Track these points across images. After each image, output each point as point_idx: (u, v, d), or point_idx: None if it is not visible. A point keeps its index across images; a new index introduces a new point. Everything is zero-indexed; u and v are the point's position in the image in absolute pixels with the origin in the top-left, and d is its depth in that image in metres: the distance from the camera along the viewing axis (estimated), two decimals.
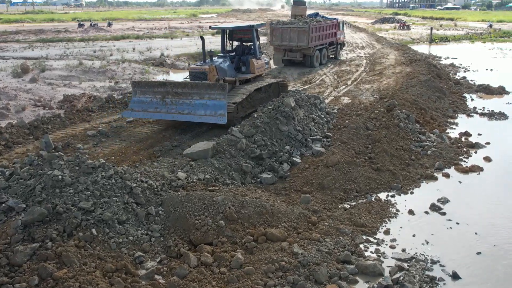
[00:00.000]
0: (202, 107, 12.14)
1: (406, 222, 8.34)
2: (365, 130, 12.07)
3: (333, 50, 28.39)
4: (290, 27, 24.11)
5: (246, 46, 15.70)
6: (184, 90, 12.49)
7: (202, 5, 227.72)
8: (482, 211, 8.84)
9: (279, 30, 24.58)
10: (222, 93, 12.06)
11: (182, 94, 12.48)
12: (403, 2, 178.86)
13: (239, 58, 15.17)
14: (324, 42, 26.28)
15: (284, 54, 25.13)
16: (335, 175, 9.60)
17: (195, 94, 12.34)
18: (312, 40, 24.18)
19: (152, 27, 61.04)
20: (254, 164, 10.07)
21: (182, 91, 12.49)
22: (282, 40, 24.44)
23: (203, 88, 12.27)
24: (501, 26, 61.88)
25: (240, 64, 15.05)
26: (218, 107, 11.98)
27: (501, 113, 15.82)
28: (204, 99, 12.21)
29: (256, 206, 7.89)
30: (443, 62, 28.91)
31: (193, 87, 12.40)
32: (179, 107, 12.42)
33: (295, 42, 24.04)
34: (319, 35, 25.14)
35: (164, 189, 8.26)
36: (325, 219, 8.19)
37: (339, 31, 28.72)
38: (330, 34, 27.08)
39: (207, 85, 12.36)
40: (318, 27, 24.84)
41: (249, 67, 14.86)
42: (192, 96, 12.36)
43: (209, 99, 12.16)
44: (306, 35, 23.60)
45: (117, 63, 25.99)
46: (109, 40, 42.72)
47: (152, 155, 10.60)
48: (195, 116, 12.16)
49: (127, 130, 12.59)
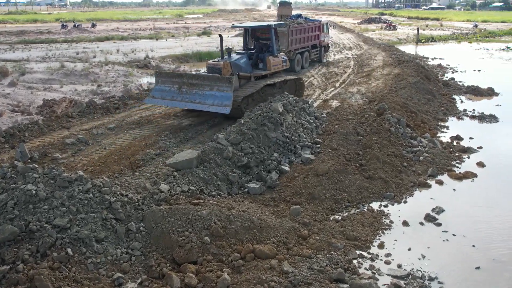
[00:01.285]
0: (211, 97, 13.17)
1: (401, 235, 7.97)
2: (355, 136, 11.70)
3: (316, 53, 27.04)
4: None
5: (265, 44, 16.42)
6: (197, 81, 13.61)
7: (188, 5, 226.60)
8: (478, 221, 8.51)
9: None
10: (229, 85, 12.95)
11: (196, 85, 13.58)
12: (389, 2, 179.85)
13: (257, 55, 16.00)
14: (306, 45, 25.05)
15: None
16: (326, 184, 9.20)
17: (206, 86, 13.38)
18: (292, 43, 23.03)
19: (137, 27, 60.22)
20: (241, 173, 9.63)
21: (196, 82, 13.60)
22: None
23: (212, 80, 13.34)
24: (486, 26, 62.31)
25: (258, 61, 15.88)
26: (224, 98, 12.91)
27: (491, 116, 15.60)
28: (213, 90, 13.22)
29: (243, 220, 7.45)
30: (430, 63, 28.78)
31: (204, 79, 13.57)
32: (191, 97, 13.50)
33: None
34: (300, 38, 23.99)
35: (146, 203, 7.79)
36: (316, 233, 7.79)
37: (323, 33, 27.60)
38: (313, 36, 25.94)
39: (216, 77, 13.42)
40: (299, 30, 23.72)
41: (266, 64, 15.65)
42: (204, 88, 13.42)
43: (217, 90, 13.15)
44: (285, 38, 22.22)
45: (100, 65, 25.33)
46: (92, 41, 41.91)
47: (134, 164, 10.09)
48: (204, 105, 13.21)
49: (109, 137, 12.06)
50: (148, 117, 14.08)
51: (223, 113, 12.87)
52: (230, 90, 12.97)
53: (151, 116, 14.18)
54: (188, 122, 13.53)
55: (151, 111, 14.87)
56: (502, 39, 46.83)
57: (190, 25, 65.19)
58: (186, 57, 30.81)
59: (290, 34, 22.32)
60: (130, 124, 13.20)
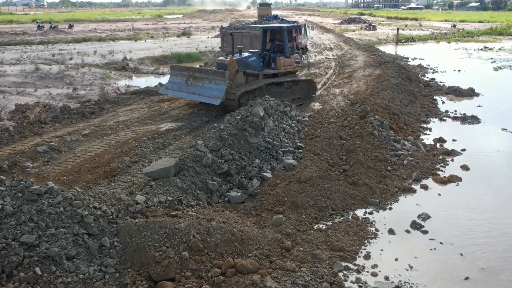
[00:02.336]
0: (208, 89, 14.39)
1: (387, 244, 7.72)
2: (338, 140, 11.44)
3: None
4: (242, 33, 21.81)
5: (280, 44, 16.94)
6: (200, 75, 14.94)
7: (168, 5, 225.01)
8: (465, 227, 8.31)
9: (229, 35, 21.52)
10: (223, 79, 14.09)
11: (199, 78, 14.85)
12: (368, 2, 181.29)
13: (270, 55, 16.68)
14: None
15: None
16: (309, 192, 8.91)
17: (206, 79, 14.60)
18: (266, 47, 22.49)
19: (116, 28, 59.31)
20: (221, 181, 9.27)
21: (199, 76, 14.90)
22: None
23: (211, 74, 14.63)
24: (464, 26, 63.11)
25: (270, 60, 16.58)
26: (218, 91, 14.11)
27: (473, 117, 15.55)
28: (211, 83, 14.40)
29: (223, 232, 7.10)
30: (411, 63, 28.84)
31: (205, 73, 14.90)
32: (194, 89, 14.82)
33: (247, 49, 21.15)
34: None
35: (121, 216, 7.36)
36: (300, 244, 7.49)
37: (301, 35, 26.61)
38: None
39: (213, 72, 14.75)
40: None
41: (277, 64, 16.22)
42: (204, 81, 14.63)
43: (214, 84, 14.31)
44: (259, 41, 20.49)
45: (77, 67, 24.71)
46: (69, 42, 41.01)
47: (109, 173, 9.64)
48: (201, 96, 14.53)
49: (83, 144, 11.55)
50: (125, 122, 13.60)
51: (213, 104, 14.16)
52: (224, 84, 14.02)
53: (128, 121, 13.70)
54: (167, 127, 13.09)
55: (128, 115, 14.38)
56: (480, 39, 47.40)
57: (170, 26, 64.54)
58: (165, 58, 30.28)
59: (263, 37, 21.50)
60: (106, 130, 12.71)
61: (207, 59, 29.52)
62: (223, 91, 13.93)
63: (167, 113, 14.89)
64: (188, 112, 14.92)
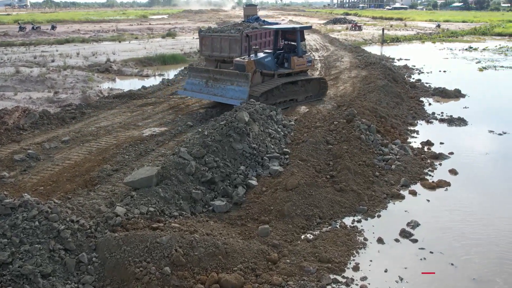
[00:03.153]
0: (231, 91, 14.75)
1: (376, 254, 7.50)
2: (325, 145, 11.23)
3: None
4: (221, 36, 20.74)
5: (293, 45, 17.27)
6: (221, 77, 15.17)
7: (153, 5, 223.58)
8: (455, 235, 8.15)
9: (208, 38, 21.01)
10: (246, 81, 14.45)
11: (219, 80, 15.14)
12: (353, 2, 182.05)
13: (283, 55, 17.07)
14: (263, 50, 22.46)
15: (216, 66, 21.06)
16: (296, 200, 8.66)
17: (227, 81, 14.94)
18: (246, 50, 20.37)
19: (99, 29, 58.56)
20: (205, 189, 8.99)
21: (220, 78, 15.16)
22: (213, 50, 20.90)
23: (233, 76, 14.91)
24: (448, 26, 63.45)
25: (284, 60, 16.96)
26: (241, 92, 14.47)
27: (460, 119, 15.47)
28: (233, 85, 14.74)
29: (207, 245, 6.82)
30: (396, 63, 28.79)
31: (227, 75, 15.11)
32: (215, 90, 15.12)
33: (226, 53, 20.45)
34: (255, 44, 20.58)
35: (99, 230, 7.05)
36: (286, 255, 7.24)
37: None
38: (271, 41, 23.03)
39: (236, 74, 14.95)
40: (254, 35, 20.93)
41: (290, 63, 16.59)
42: (226, 82, 14.97)
43: (236, 85, 14.67)
44: (238, 44, 20.08)
45: (58, 70, 24.17)
46: (52, 44, 40.32)
47: (88, 182, 9.30)
48: (224, 98, 14.78)
49: (62, 151, 11.18)
50: (106, 127, 13.24)
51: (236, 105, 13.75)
52: (247, 85, 14.45)
53: (109, 126, 13.34)
54: (150, 132, 12.77)
55: (110, 120, 14.02)
56: (464, 39, 47.64)
57: (154, 26, 63.93)
58: (149, 60, 29.89)
59: (243, 40, 19.81)
60: (87, 136, 12.35)
61: (192, 60, 29.18)
62: (247, 93, 14.33)
63: (150, 117, 14.56)
64: (172, 117, 14.60)
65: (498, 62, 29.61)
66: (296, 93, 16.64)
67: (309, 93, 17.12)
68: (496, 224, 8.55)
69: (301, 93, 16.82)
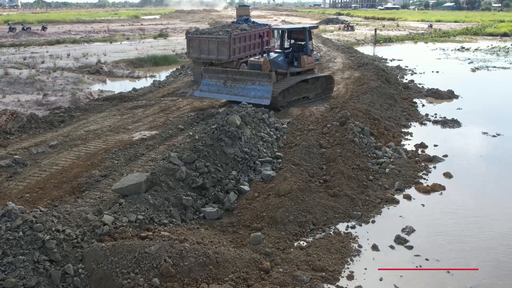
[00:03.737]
0: (253, 90, 14.98)
1: (371, 262, 7.34)
2: (318, 148, 11.06)
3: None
4: (209, 38, 20.15)
5: (300, 44, 17.90)
6: (240, 77, 15.47)
7: (145, 5, 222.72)
8: (450, 241, 8.01)
9: (196, 40, 20.50)
10: (269, 80, 14.83)
11: (239, 80, 15.43)
12: (345, 2, 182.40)
13: (292, 54, 17.60)
14: (253, 53, 21.59)
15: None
16: (288, 206, 8.47)
17: (248, 81, 15.21)
18: (234, 52, 20.11)
19: (91, 30, 58.08)
20: (196, 195, 8.78)
21: (239, 78, 15.46)
22: (201, 52, 20.44)
23: (254, 76, 15.20)
24: (440, 26, 63.65)
25: (293, 59, 17.45)
26: (264, 91, 14.75)
27: (454, 120, 15.38)
28: (255, 84, 15.03)
29: (198, 255, 6.62)
30: (389, 64, 28.73)
31: (247, 74, 15.43)
32: (235, 90, 15.36)
33: (214, 55, 20.01)
34: (244, 46, 20.92)
35: (86, 239, 6.82)
36: (279, 264, 7.05)
37: (273, 38, 24.50)
38: (260, 43, 21.40)
39: (257, 73, 15.26)
40: (243, 37, 20.73)
41: (300, 62, 17.15)
42: (246, 82, 15.24)
43: (259, 85, 14.95)
44: (226, 46, 19.62)
45: (48, 72, 23.83)
46: (42, 45, 39.88)
47: (76, 189, 9.06)
48: (247, 97, 14.74)
49: (50, 156, 10.91)
50: (95, 131, 12.99)
51: (263, 104, 14.38)
52: (270, 84, 14.84)
53: (99, 130, 13.09)
54: (140, 136, 12.53)
55: (99, 124, 13.77)
56: (456, 39, 47.77)
57: (146, 27, 63.55)
58: (141, 61, 29.60)
59: (232, 42, 19.71)
60: (75, 140, 12.09)
61: (184, 61, 28.90)
62: (270, 91, 14.65)
63: (141, 120, 14.32)
64: (162, 120, 14.36)
65: (490, 63, 29.63)
66: (308, 91, 17.20)
67: (318, 90, 17.66)
68: (493, 229, 8.43)
69: (312, 91, 17.36)
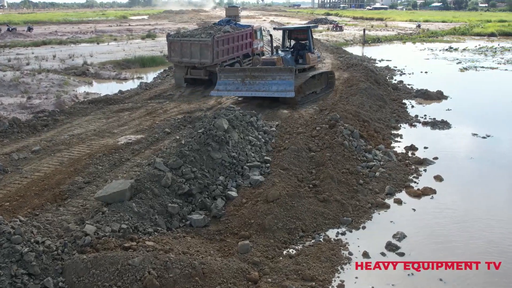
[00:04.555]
0: (274, 85, 15.67)
1: (362, 270, 7.14)
2: (307, 152, 10.87)
3: (249, 63, 23.10)
4: (191, 41, 19.46)
5: (302, 43, 19.45)
6: (260, 73, 16.00)
7: (133, 6, 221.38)
8: (442, 246, 7.87)
9: (177, 43, 19.77)
10: (291, 74, 15.54)
11: (258, 76, 15.95)
12: (334, 2, 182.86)
13: (297, 52, 19.04)
14: (236, 55, 21.58)
15: (186, 72, 20.34)
16: (277, 212, 8.26)
17: (268, 76, 15.81)
18: (218, 55, 19.54)
19: (78, 30, 57.46)
20: (182, 202, 8.54)
21: (258, 75, 15.98)
22: (183, 55, 19.75)
23: (275, 71, 15.93)
24: (428, 26, 63.87)
25: (298, 57, 18.86)
26: (287, 85, 15.48)
27: (443, 122, 15.29)
28: (276, 79, 15.68)
29: (183, 266, 6.38)
30: (378, 65, 28.68)
31: (267, 71, 16.03)
32: (256, 86, 15.92)
33: (197, 59, 19.46)
34: (227, 48, 20.45)
35: (67, 251, 6.55)
36: (268, 274, 6.84)
37: (256, 40, 24.07)
38: (244, 45, 22.33)
39: (279, 69, 16.15)
40: (226, 39, 20.19)
41: (305, 59, 18.78)
42: (266, 78, 15.83)
43: (280, 79, 15.63)
44: (209, 49, 19.05)
45: (33, 74, 23.39)
46: (28, 46, 39.30)
47: (58, 196, 8.77)
48: (269, 92, 15.71)
49: (32, 162, 10.60)
50: (80, 135, 12.68)
51: (288, 97, 15.44)
52: (292, 78, 15.55)
53: (83, 134, 12.78)
54: (125, 140, 12.25)
55: (84, 128, 13.45)
56: (444, 39, 48.00)
57: (134, 28, 63.01)
58: (128, 62, 29.25)
59: (215, 45, 19.19)
60: (58, 145, 11.77)
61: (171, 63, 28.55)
62: (293, 85, 15.40)
63: (126, 124, 14.03)
64: (149, 123, 14.07)
65: (478, 63, 29.72)
66: (315, 86, 17.95)
67: (323, 85, 18.53)
68: (485, 233, 8.31)
69: (318, 85, 18.13)
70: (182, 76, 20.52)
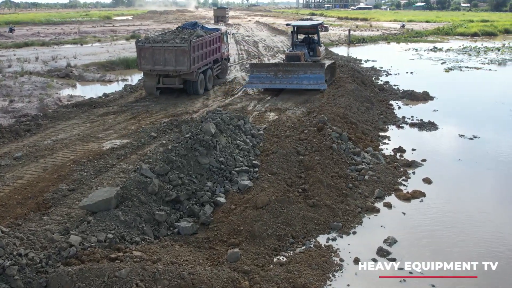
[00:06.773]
0: (306, 79, 18.21)
1: (353, 277, 7.06)
2: (296, 156, 10.76)
3: (218, 69, 22.11)
4: (164, 47, 17.74)
5: (311, 38, 22.04)
6: (292, 68, 18.44)
7: (117, 6, 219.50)
8: (433, 250, 7.81)
9: (149, 50, 17.89)
10: (321, 69, 18.21)
11: (291, 71, 18.37)
12: (319, 2, 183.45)
13: (309, 46, 21.50)
14: (209, 61, 20.17)
15: (158, 81, 18.53)
16: (267, 219, 8.12)
17: (300, 71, 18.31)
18: (194, 62, 18.11)
19: (61, 31, 56.67)
20: (169, 210, 8.37)
21: (291, 69, 18.42)
22: (155, 63, 17.92)
23: (306, 66, 18.62)
24: (412, 26, 64.29)
25: (309, 50, 21.20)
26: (319, 78, 18.12)
27: (430, 123, 15.32)
28: (307, 73, 18.20)
29: (172, 277, 6.21)
30: (364, 65, 28.72)
31: (299, 66, 18.55)
32: (289, 80, 18.35)
33: (172, 66, 17.79)
34: (202, 54, 19.02)
35: (51, 263, 6.36)
36: (258, 283, 6.70)
37: (224, 43, 22.87)
38: (215, 49, 21.04)
39: (310, 64, 18.99)
40: (201, 44, 18.83)
41: (316, 52, 21.18)
42: (298, 72, 18.28)
43: (311, 73, 18.20)
44: (186, 56, 17.51)
45: (15, 76, 22.97)
46: (9, 48, 38.60)
47: (41, 205, 8.54)
48: (302, 85, 18.24)
49: (14, 169, 10.32)
50: (63, 140, 12.41)
51: (322, 89, 18.01)
52: (322, 72, 18.06)
53: (67, 139, 12.51)
54: (110, 145, 12.02)
55: (68, 132, 13.18)
56: (429, 39, 48.37)
57: (118, 28, 62.41)
58: (112, 64, 28.88)
59: (192, 51, 17.73)
60: (42, 151, 11.50)
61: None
62: (323, 77, 18.02)
63: (111, 128, 13.78)
64: (134, 127, 13.85)
65: (463, 63, 29.95)
66: (326, 74, 19.15)
67: (329, 75, 20.02)
68: (475, 236, 8.29)
69: (327, 74, 19.41)
70: (154, 85, 18.74)
